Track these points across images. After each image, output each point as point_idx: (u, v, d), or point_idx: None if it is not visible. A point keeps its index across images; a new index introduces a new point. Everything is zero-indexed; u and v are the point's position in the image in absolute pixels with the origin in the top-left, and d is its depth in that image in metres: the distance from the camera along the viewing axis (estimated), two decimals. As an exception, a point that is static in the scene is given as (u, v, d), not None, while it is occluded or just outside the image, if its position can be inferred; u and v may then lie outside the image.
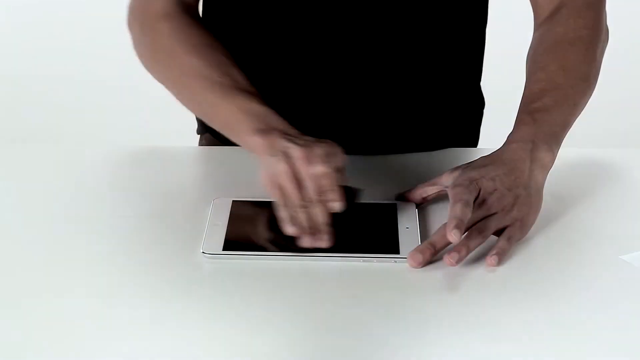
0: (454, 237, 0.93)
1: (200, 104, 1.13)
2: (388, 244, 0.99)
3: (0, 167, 1.19)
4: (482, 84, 1.33)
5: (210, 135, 1.31)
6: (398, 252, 0.97)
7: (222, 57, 1.12)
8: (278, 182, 0.98)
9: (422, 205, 1.06)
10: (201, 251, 0.98)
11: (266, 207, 1.05)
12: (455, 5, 1.21)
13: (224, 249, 0.98)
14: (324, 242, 0.97)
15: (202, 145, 1.35)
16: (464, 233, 0.96)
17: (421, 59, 1.22)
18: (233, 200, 1.06)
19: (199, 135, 1.36)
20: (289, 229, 0.97)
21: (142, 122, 2.75)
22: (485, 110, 1.35)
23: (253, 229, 1.03)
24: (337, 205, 0.97)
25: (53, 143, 2.58)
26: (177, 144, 1.26)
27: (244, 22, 1.22)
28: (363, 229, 1.02)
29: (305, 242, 0.97)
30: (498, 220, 0.98)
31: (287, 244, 0.99)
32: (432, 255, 0.96)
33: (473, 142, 1.34)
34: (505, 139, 1.06)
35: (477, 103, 1.33)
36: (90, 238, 1.02)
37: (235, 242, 0.99)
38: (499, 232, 0.99)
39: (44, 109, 2.87)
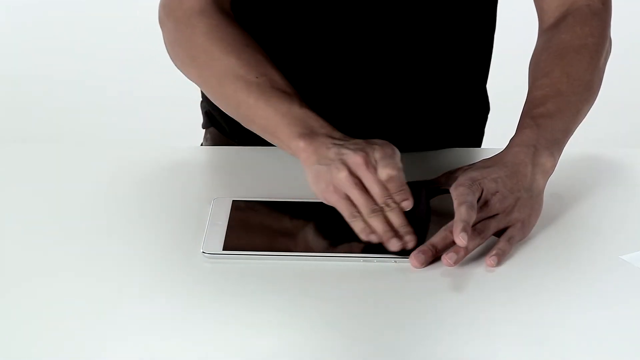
0: (461, 240, 0.93)
1: (237, 106, 1.10)
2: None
3: (0, 167, 1.19)
4: (487, 85, 1.33)
5: (215, 130, 1.31)
6: (398, 252, 0.97)
7: (259, 56, 1.10)
8: (342, 191, 0.97)
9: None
10: (201, 251, 0.97)
11: (266, 207, 1.05)
12: (464, 8, 1.21)
13: (224, 249, 0.98)
14: (411, 243, 0.96)
15: (207, 139, 1.34)
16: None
17: (428, 60, 1.22)
18: (233, 200, 1.06)
19: (204, 130, 1.35)
20: (371, 237, 0.96)
21: (142, 122, 2.75)
22: (489, 112, 1.35)
23: (253, 228, 1.03)
24: (407, 204, 0.96)
25: (53, 143, 2.58)
26: (178, 143, 1.26)
27: (252, 23, 1.21)
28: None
29: (393, 245, 0.96)
30: (498, 222, 0.98)
31: (287, 244, 0.99)
32: (434, 256, 0.96)
33: (477, 143, 1.34)
34: (508, 142, 1.06)
35: (482, 105, 1.33)
36: (90, 238, 1.02)
37: (235, 242, 0.99)
38: (499, 233, 0.99)
39: (44, 109, 2.87)
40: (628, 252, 0.98)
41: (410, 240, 0.96)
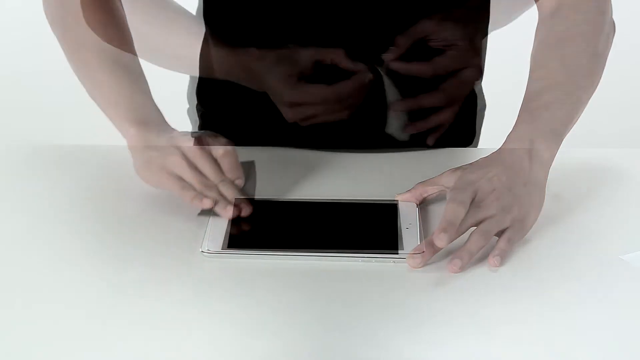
0: (440, 241, 0.93)
1: (85, 73, 1.14)
2: (388, 243, 0.99)
3: (1, 167, 1.19)
4: (483, 84, 1.33)
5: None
6: (398, 252, 0.97)
7: (121, 34, 1.13)
8: (176, 174, 1.01)
9: (423, 205, 1.06)
10: (201, 250, 0.98)
11: (266, 206, 1.05)
12: (458, 4, 1.21)
13: (224, 248, 0.98)
14: (245, 210, 1.02)
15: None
16: (462, 234, 0.96)
17: (422, 57, 1.22)
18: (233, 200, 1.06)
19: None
20: (203, 202, 1.01)
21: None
22: (486, 111, 1.35)
23: (253, 227, 1.03)
24: (240, 182, 1.03)
25: (53, 143, 2.58)
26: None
27: (244, 19, 1.22)
28: (363, 228, 1.02)
29: (226, 213, 1.01)
30: (498, 223, 0.98)
31: (286, 243, 0.99)
32: (432, 254, 0.96)
33: (472, 140, 1.34)
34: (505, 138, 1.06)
35: (478, 101, 1.33)
36: (90, 237, 1.02)
37: (235, 240, 0.99)
38: (499, 232, 0.99)
39: (44, 109, 2.87)
40: (628, 252, 0.98)
41: (245, 207, 1.02)
